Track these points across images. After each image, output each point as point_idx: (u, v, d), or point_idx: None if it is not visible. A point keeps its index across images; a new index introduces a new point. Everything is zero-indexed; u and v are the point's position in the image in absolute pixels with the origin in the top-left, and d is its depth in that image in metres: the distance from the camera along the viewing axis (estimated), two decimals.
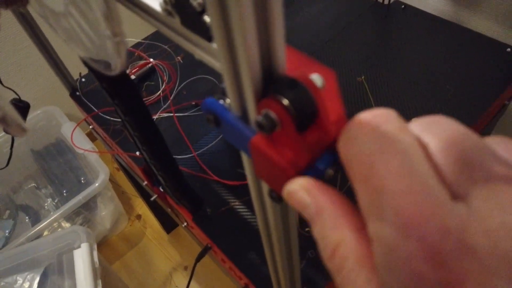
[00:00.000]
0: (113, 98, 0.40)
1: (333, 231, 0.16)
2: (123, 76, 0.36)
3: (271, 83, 0.18)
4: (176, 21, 0.26)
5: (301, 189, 0.18)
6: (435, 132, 0.16)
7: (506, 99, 0.80)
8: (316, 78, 0.19)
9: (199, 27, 0.24)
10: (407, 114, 0.71)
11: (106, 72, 0.22)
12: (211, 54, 0.23)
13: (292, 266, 0.36)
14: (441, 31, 0.85)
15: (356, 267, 0.15)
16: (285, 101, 0.17)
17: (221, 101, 0.22)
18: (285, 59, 0.18)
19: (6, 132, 0.17)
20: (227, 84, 0.19)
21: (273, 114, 0.17)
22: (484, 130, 0.82)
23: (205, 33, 0.23)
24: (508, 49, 0.79)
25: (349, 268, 0.15)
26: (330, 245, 0.16)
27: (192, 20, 0.24)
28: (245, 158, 0.24)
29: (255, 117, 0.18)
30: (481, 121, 0.72)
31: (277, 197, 0.22)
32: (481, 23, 0.94)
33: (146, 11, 0.28)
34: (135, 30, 1.46)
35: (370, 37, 0.87)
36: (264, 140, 0.19)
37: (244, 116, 0.20)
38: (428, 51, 0.82)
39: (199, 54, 0.25)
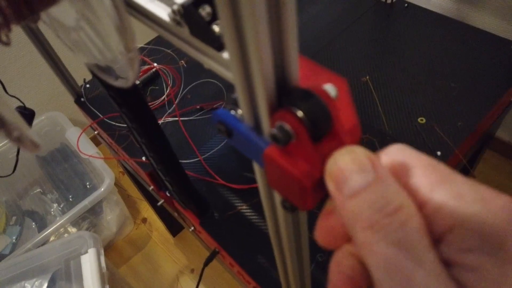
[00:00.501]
0: (121, 106, 0.40)
1: (397, 195, 0.15)
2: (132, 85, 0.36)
3: (285, 94, 0.18)
4: (185, 31, 0.26)
5: (365, 153, 0.16)
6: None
7: None
8: (330, 89, 0.19)
9: (208, 36, 0.24)
10: (413, 113, 0.71)
11: (116, 84, 0.22)
12: (221, 64, 0.23)
13: (302, 272, 0.36)
14: (445, 29, 0.85)
15: (421, 227, 0.15)
16: (300, 113, 0.17)
17: (232, 112, 0.22)
18: (299, 70, 0.18)
19: (21, 148, 0.17)
20: (240, 95, 0.19)
21: (287, 126, 0.17)
22: (491, 127, 0.82)
23: (214, 42, 0.23)
24: None
25: (413, 227, 0.14)
26: (394, 203, 0.15)
27: (201, 30, 0.24)
28: (257, 168, 0.24)
29: (269, 130, 0.18)
30: (488, 118, 0.71)
31: (290, 207, 0.22)
32: (485, 20, 0.93)
33: (155, 21, 0.28)
34: (138, 35, 1.46)
35: (373, 36, 0.87)
36: (278, 151, 0.19)
37: (257, 127, 0.20)
38: (432, 49, 0.81)
39: (209, 63, 0.25)
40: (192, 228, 0.70)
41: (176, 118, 0.76)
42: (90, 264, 0.92)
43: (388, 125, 0.69)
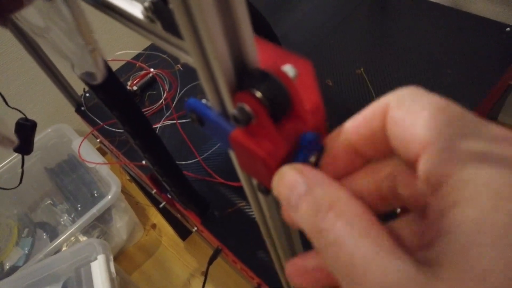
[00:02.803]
0: (111, 109, 0.41)
1: (328, 194, 0.16)
2: (117, 85, 0.37)
3: (244, 76, 0.18)
4: (158, 27, 0.27)
5: (291, 169, 0.17)
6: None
7: (511, 79, 0.79)
8: (289, 69, 0.19)
9: (178, 29, 0.25)
10: None
11: (91, 82, 0.22)
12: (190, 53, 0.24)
13: (295, 254, 0.36)
14: (439, 17, 0.84)
15: (355, 219, 0.15)
16: (258, 94, 0.18)
17: (203, 100, 0.23)
18: (256, 52, 0.19)
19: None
20: (202, 80, 0.19)
21: (247, 107, 0.18)
22: (491, 111, 0.81)
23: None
24: (508, 29, 0.78)
25: (348, 221, 0.14)
26: (325, 203, 0.15)
27: (172, 24, 0.25)
28: (232, 154, 0.24)
29: (231, 111, 0.19)
30: (486, 102, 0.71)
31: (265, 189, 0.23)
32: (479, 5, 0.93)
33: (130, 19, 0.29)
34: (136, 42, 1.48)
35: (368, 28, 0.87)
36: (243, 134, 0.19)
37: (224, 112, 0.20)
38: (426, 37, 0.81)
39: (183, 56, 0.26)
40: (195, 228, 0.70)
41: (174, 121, 0.77)
42: (100, 271, 0.94)
43: None
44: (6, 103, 0.68)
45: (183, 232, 1.39)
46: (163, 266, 1.40)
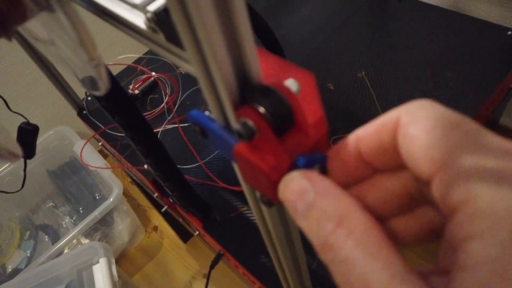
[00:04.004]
0: (113, 115, 0.41)
1: (337, 206, 0.15)
2: (119, 92, 0.37)
3: (248, 92, 0.19)
4: (160, 37, 0.27)
5: (300, 176, 0.17)
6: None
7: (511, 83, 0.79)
8: (291, 84, 0.19)
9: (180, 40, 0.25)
10: None
11: (94, 92, 0.22)
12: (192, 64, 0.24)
13: (298, 267, 0.36)
14: (440, 20, 0.84)
15: (366, 233, 0.14)
16: (261, 109, 0.18)
17: (206, 112, 0.23)
18: (259, 67, 0.19)
19: None
20: (206, 94, 0.19)
21: (250, 122, 0.18)
22: (492, 114, 0.81)
23: None
24: (509, 32, 0.78)
25: (358, 236, 0.14)
26: (334, 218, 0.15)
27: (175, 35, 0.25)
28: (235, 166, 0.24)
29: (235, 126, 0.19)
30: (487, 106, 0.71)
31: (267, 201, 0.23)
32: (480, 8, 0.93)
33: (132, 29, 0.29)
34: (137, 46, 1.48)
35: (368, 32, 0.87)
36: (247, 148, 0.19)
37: (227, 125, 0.21)
38: (427, 41, 0.81)
39: (185, 67, 0.26)
40: (197, 232, 0.70)
41: (176, 125, 0.77)
42: (102, 274, 0.94)
43: None
44: (8, 108, 0.69)
45: (184, 235, 1.39)
46: (164, 269, 1.40)
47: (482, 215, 0.12)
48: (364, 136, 0.18)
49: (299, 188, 0.17)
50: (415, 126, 0.15)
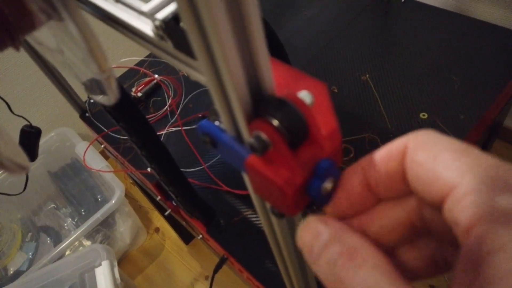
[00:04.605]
0: (118, 121, 0.41)
1: (349, 242, 0.16)
2: (126, 100, 0.37)
3: (261, 104, 0.18)
4: (169, 45, 0.26)
5: (316, 220, 0.18)
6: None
7: None
8: (305, 96, 0.19)
9: (191, 49, 0.24)
10: (415, 108, 0.70)
11: (102, 102, 0.22)
12: (204, 74, 0.23)
13: (306, 276, 0.36)
14: (444, 23, 0.84)
15: (378, 268, 0.15)
16: (275, 122, 0.17)
17: (216, 123, 0.22)
18: (273, 79, 0.18)
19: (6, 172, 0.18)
20: (218, 105, 0.19)
21: (264, 136, 0.18)
22: (497, 117, 0.81)
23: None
24: None
25: (369, 269, 0.15)
26: (345, 252, 0.16)
27: (184, 43, 0.25)
28: (246, 177, 0.24)
29: (247, 139, 0.19)
30: (492, 109, 0.70)
31: (278, 213, 0.22)
32: (484, 10, 0.92)
33: (141, 36, 0.29)
34: (140, 48, 1.48)
35: (372, 34, 0.87)
36: (259, 160, 0.19)
37: (239, 137, 0.20)
38: (431, 43, 0.81)
39: (195, 75, 0.25)
40: (200, 236, 0.70)
41: (179, 128, 0.77)
42: (104, 276, 0.93)
43: (390, 123, 0.69)
44: (11, 111, 0.68)
45: (186, 236, 1.38)
46: (166, 270, 1.39)
47: (504, 225, 0.12)
48: (370, 163, 0.18)
49: (315, 231, 0.17)
50: (424, 150, 0.16)
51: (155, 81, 0.84)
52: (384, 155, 0.18)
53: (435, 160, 0.15)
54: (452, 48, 0.79)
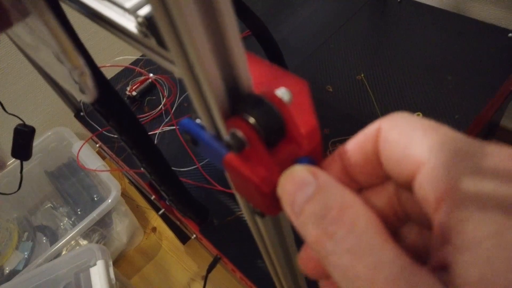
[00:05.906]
0: (107, 119, 0.40)
1: (340, 197, 0.15)
2: (113, 98, 0.37)
3: (238, 101, 0.18)
4: (152, 42, 0.26)
5: (302, 169, 0.17)
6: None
7: None
8: (283, 93, 0.18)
9: None
10: (409, 108, 0.70)
11: (83, 99, 0.22)
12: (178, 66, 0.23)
13: (295, 274, 0.35)
14: (440, 22, 0.84)
15: (371, 224, 0.14)
16: (251, 120, 0.17)
17: (197, 120, 0.22)
18: (249, 75, 0.18)
19: None
20: (195, 104, 0.19)
21: (240, 133, 0.17)
22: (493, 117, 0.80)
23: None
24: (510, 34, 0.77)
25: (362, 228, 0.14)
26: (336, 206, 0.15)
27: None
28: (227, 174, 0.24)
29: (225, 136, 0.18)
30: (487, 109, 0.70)
31: (260, 212, 0.22)
32: (480, 10, 0.92)
33: (126, 34, 0.28)
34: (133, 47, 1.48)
35: (368, 33, 0.86)
36: (237, 158, 0.19)
37: (218, 135, 0.20)
38: (427, 43, 0.81)
39: (176, 71, 0.25)
40: (194, 235, 0.70)
41: (174, 127, 0.77)
42: (99, 276, 0.93)
43: None
44: (4, 110, 0.68)
45: (183, 236, 1.38)
46: (163, 270, 1.39)
47: (470, 196, 0.13)
48: (348, 150, 0.18)
49: (300, 180, 0.16)
50: (395, 130, 0.16)
51: (149, 80, 0.84)
52: (360, 139, 0.17)
53: (405, 138, 0.15)
54: (448, 47, 0.78)
